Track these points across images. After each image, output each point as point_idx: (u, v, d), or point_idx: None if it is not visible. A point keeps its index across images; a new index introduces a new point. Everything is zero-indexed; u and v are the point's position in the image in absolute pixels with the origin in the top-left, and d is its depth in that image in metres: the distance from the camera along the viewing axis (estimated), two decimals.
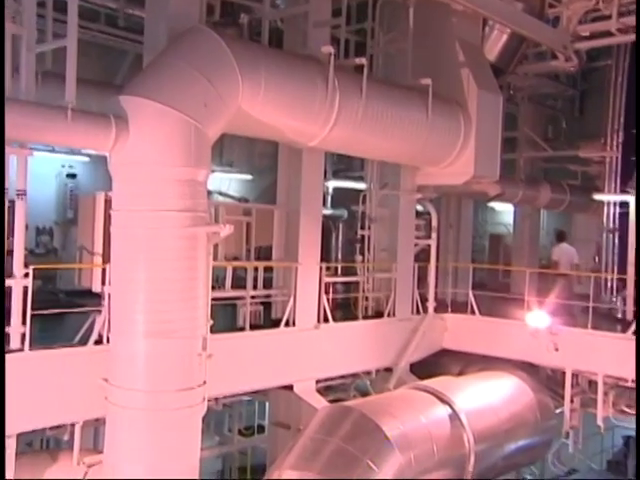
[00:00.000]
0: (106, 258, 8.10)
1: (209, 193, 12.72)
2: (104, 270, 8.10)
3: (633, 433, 15.04)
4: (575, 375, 12.01)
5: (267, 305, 10.98)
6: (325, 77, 9.06)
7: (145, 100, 7.26)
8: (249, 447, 14.36)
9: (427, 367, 12.33)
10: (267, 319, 10.79)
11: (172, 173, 7.26)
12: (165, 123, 7.25)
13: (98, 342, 7.98)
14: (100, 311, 8.07)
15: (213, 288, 8.85)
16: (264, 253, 11.38)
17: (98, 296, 8.31)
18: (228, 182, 17.54)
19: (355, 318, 11.86)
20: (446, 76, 11.46)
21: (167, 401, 7.35)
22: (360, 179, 15.03)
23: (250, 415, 15.74)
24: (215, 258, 8.89)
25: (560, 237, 16.13)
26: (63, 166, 14.38)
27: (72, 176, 14.46)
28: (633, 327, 11.17)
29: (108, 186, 7.77)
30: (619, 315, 14.00)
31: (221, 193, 16.97)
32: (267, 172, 15.18)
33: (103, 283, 8.14)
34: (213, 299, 8.35)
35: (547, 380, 12.73)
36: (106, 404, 7.54)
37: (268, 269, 10.95)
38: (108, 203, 7.93)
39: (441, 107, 10.96)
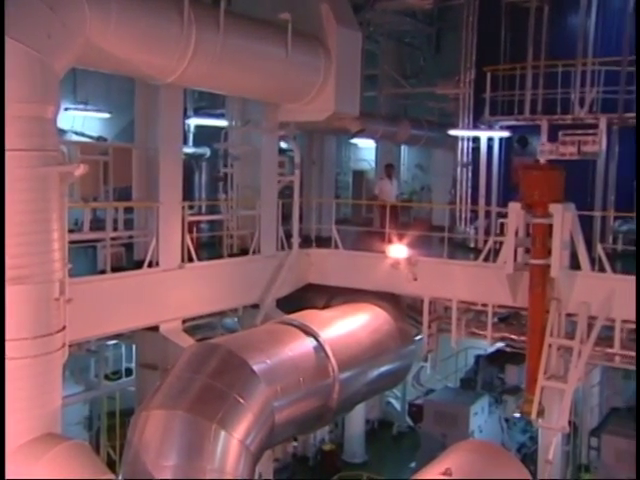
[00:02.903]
0: None
1: (63, 132, 12.05)
2: None
3: (483, 352, 16.23)
4: (432, 302, 12.68)
5: (129, 246, 10.77)
6: (181, 9, 8.75)
7: None
8: (117, 391, 14.20)
9: (293, 302, 12.60)
10: (130, 260, 10.60)
11: (15, 109, 6.78)
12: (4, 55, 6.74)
13: None
14: None
15: (72, 231, 8.54)
16: (124, 194, 11.06)
17: None
18: (82, 120, 16.75)
19: (220, 256, 11.87)
20: (305, 11, 11.38)
21: (23, 349, 7.05)
22: (222, 116, 14.81)
23: (117, 359, 15.54)
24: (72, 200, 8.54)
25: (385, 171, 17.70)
26: None
27: None
28: (483, 255, 11.91)
29: None
30: (472, 244, 14.87)
31: (76, 132, 16.21)
32: (126, 110, 14.60)
33: None
34: (71, 242, 8.08)
35: (407, 309, 13.37)
36: None
37: (129, 210, 10.69)
38: None
39: (300, 43, 10.91)
